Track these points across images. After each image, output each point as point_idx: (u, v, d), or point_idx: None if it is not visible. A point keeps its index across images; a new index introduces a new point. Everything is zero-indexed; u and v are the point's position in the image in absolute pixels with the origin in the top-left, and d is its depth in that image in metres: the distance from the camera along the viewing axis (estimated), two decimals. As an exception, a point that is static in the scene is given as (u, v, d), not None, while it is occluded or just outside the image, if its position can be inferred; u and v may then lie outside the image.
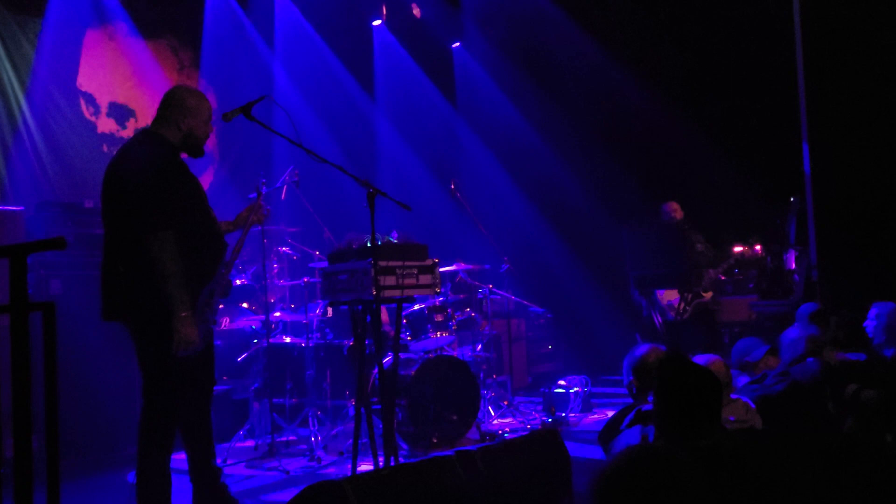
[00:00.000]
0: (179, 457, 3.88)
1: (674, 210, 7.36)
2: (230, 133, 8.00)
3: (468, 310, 6.87)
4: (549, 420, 6.44)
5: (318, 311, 6.20)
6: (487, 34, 9.93)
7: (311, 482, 2.61)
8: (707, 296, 7.11)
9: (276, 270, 6.30)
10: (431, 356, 5.86)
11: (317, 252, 6.38)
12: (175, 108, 3.78)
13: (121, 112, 7.27)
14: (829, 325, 4.68)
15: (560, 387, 6.83)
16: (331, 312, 6.33)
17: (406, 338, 6.07)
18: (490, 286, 6.96)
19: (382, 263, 4.15)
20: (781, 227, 7.76)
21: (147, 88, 7.36)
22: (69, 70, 6.93)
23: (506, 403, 6.76)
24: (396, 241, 4.55)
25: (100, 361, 5.50)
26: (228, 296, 4.09)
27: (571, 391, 6.76)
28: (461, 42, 10.13)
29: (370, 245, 4.20)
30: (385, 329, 5.94)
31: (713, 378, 2.70)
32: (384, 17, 9.20)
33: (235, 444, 5.65)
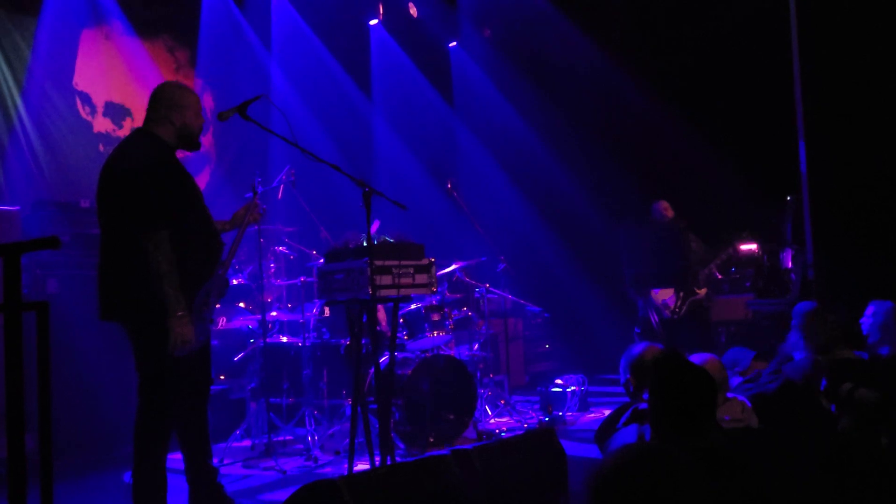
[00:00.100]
0: (176, 456, 3.87)
1: (665, 209, 7.37)
2: (227, 132, 8.00)
3: (465, 309, 6.87)
4: (546, 419, 6.44)
5: (315, 311, 6.20)
6: (484, 33, 9.94)
7: (308, 482, 2.61)
8: (701, 293, 7.12)
9: (273, 270, 6.29)
10: (428, 355, 5.86)
11: (314, 251, 6.38)
12: (166, 105, 3.78)
13: (117, 111, 7.27)
14: (826, 324, 4.66)
15: (557, 386, 6.83)
16: (328, 312, 6.33)
17: (403, 337, 6.07)
18: (487, 285, 6.96)
19: (378, 263, 4.15)
20: (778, 226, 7.77)
21: (143, 88, 7.34)
22: (65, 69, 6.92)
23: (503, 402, 6.76)
24: (388, 239, 4.54)
25: (96, 361, 5.50)
26: (225, 295, 4.09)
27: (568, 390, 6.76)
28: (458, 41, 10.13)
29: (366, 244, 4.19)
30: (382, 328, 5.94)
31: (708, 377, 2.71)
32: (381, 17, 9.20)
33: (232, 444, 5.64)
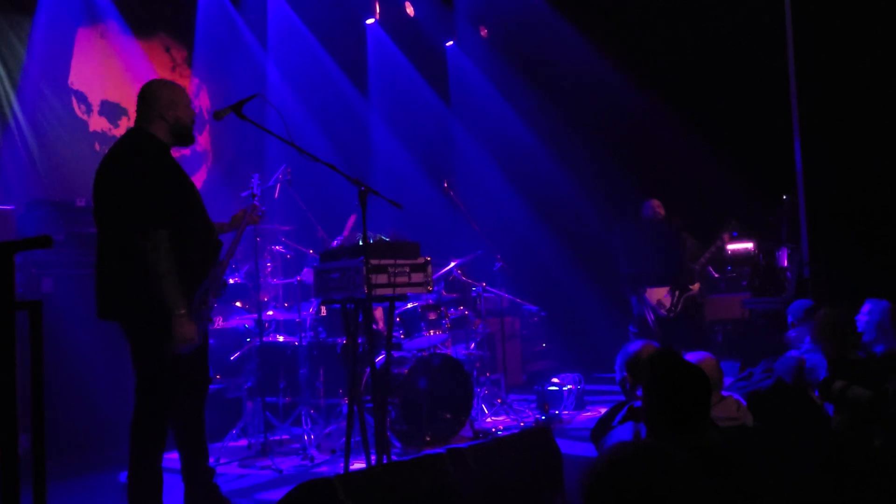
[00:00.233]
0: (171, 456, 3.87)
1: (657, 207, 7.39)
2: (223, 131, 7.99)
3: (462, 308, 6.87)
4: (543, 418, 6.45)
5: (312, 310, 6.19)
6: (480, 33, 9.94)
7: (304, 481, 2.61)
8: (694, 288, 7.14)
9: (270, 269, 6.29)
10: (425, 354, 5.86)
11: (310, 251, 6.37)
12: (156, 103, 3.78)
13: (113, 110, 7.25)
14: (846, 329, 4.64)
15: (553, 384, 6.83)
16: (324, 311, 6.33)
17: (399, 336, 6.07)
18: (483, 284, 6.96)
19: (374, 262, 4.14)
20: (776, 225, 7.78)
21: (139, 87, 7.31)
22: (61, 68, 6.90)
23: (499, 401, 6.77)
24: (384, 238, 4.54)
25: (92, 360, 5.48)
26: (223, 296, 4.09)
27: (565, 389, 6.76)
28: (454, 41, 10.12)
29: (362, 243, 4.19)
30: (378, 327, 5.94)
31: (702, 375, 2.71)
32: (377, 16, 9.19)
33: (228, 444, 5.64)
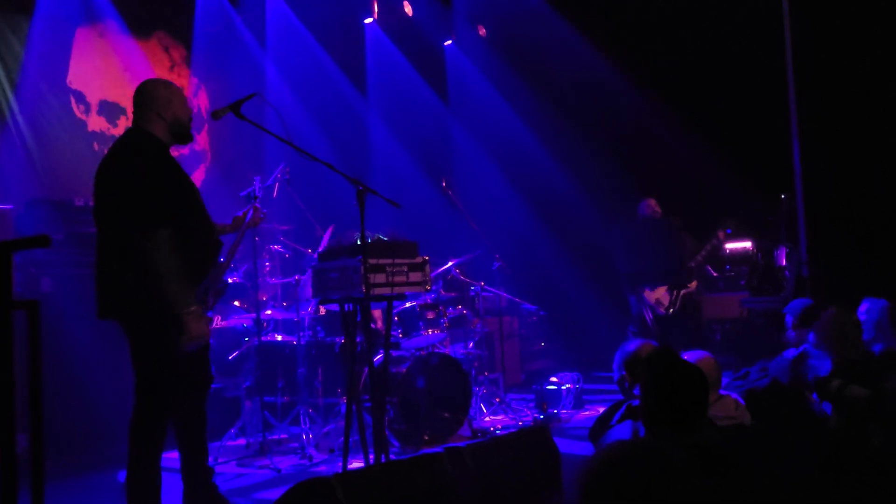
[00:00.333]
0: (170, 455, 3.87)
1: (654, 205, 7.40)
2: (222, 131, 7.99)
3: (460, 307, 6.87)
4: (541, 417, 6.45)
5: (310, 309, 6.20)
6: (479, 32, 9.93)
7: (302, 480, 2.61)
8: (692, 286, 7.15)
9: (268, 269, 6.29)
10: (423, 354, 5.87)
11: (309, 250, 6.37)
12: (152, 102, 3.78)
13: (112, 110, 7.25)
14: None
15: (552, 384, 6.84)
16: (323, 310, 6.33)
17: (398, 335, 6.07)
18: (482, 283, 6.96)
19: (372, 261, 4.15)
20: (773, 224, 7.79)
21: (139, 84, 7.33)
22: (59, 68, 6.89)
23: (498, 400, 6.77)
24: (381, 237, 4.54)
25: (90, 360, 5.48)
26: (223, 296, 4.10)
27: (563, 388, 6.77)
28: (453, 40, 10.12)
29: (360, 242, 4.19)
30: (377, 326, 5.94)
31: (700, 374, 2.72)
32: (376, 15, 9.18)
33: (227, 443, 5.64)
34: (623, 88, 9.12)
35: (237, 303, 6.37)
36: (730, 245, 8.64)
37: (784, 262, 7.54)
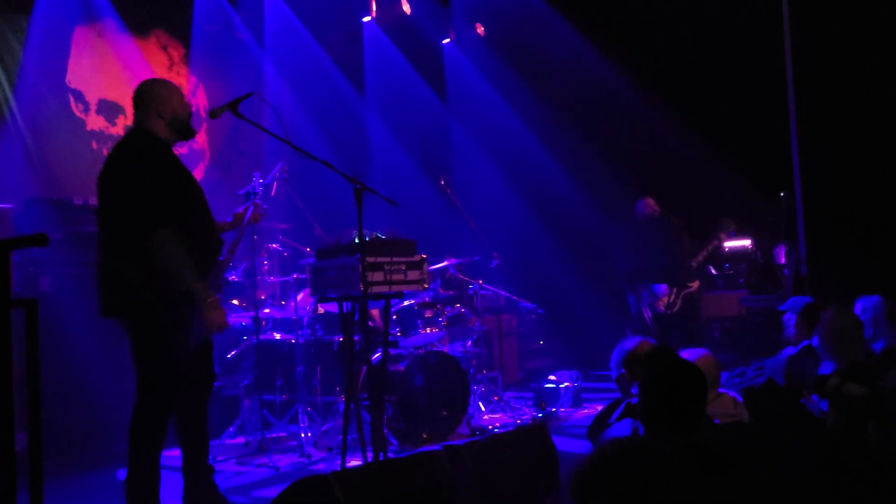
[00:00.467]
0: (169, 454, 3.88)
1: (651, 204, 7.40)
2: (220, 129, 7.99)
3: (458, 306, 6.87)
4: (540, 415, 6.46)
5: (309, 308, 6.20)
6: (477, 30, 9.93)
7: (300, 478, 2.62)
8: (694, 285, 7.16)
9: (267, 267, 6.29)
10: (421, 352, 5.87)
11: (307, 249, 6.38)
12: (150, 102, 3.81)
13: (110, 109, 7.24)
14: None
15: (550, 382, 6.84)
16: (321, 309, 6.32)
17: (396, 334, 6.07)
18: (480, 282, 6.96)
19: (370, 259, 4.15)
20: (771, 223, 7.80)
21: (136, 85, 7.32)
22: (58, 67, 6.89)
23: (496, 399, 6.77)
24: (380, 235, 4.55)
25: (89, 359, 5.48)
26: (224, 294, 4.11)
27: (562, 386, 6.77)
28: (451, 38, 10.12)
29: (358, 241, 4.20)
30: (375, 325, 5.95)
31: (699, 373, 2.72)
32: (374, 14, 9.17)
33: (225, 441, 5.64)
34: (622, 87, 9.11)
35: (236, 301, 6.37)
36: (729, 243, 8.64)
37: (783, 261, 7.55)
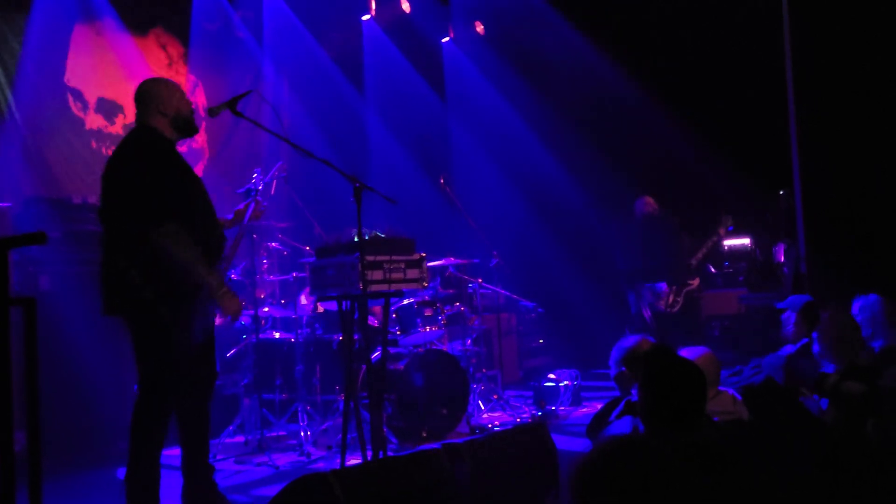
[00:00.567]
0: (169, 453, 3.88)
1: (650, 202, 7.41)
2: (219, 128, 7.98)
3: (458, 304, 6.87)
4: (539, 413, 6.46)
5: (311, 307, 6.19)
6: (476, 29, 9.93)
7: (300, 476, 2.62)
8: (694, 283, 7.16)
9: (266, 266, 6.29)
10: (421, 351, 5.87)
11: (307, 247, 6.37)
12: (152, 101, 3.83)
13: (109, 108, 7.24)
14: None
15: (550, 380, 6.84)
16: (321, 307, 6.32)
17: (395, 332, 6.07)
18: (480, 280, 6.96)
19: (370, 258, 4.15)
20: (771, 221, 7.80)
21: (136, 84, 7.24)
22: (57, 66, 6.88)
23: (496, 397, 6.77)
24: (379, 234, 4.54)
25: (89, 358, 5.48)
26: None
27: (561, 385, 6.77)
28: (451, 37, 10.11)
29: (357, 239, 4.20)
30: (374, 323, 5.94)
31: (698, 372, 2.71)
32: (373, 12, 9.17)
33: (225, 440, 5.64)
34: (622, 86, 9.10)
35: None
36: (728, 242, 8.66)
37: (782, 259, 7.55)
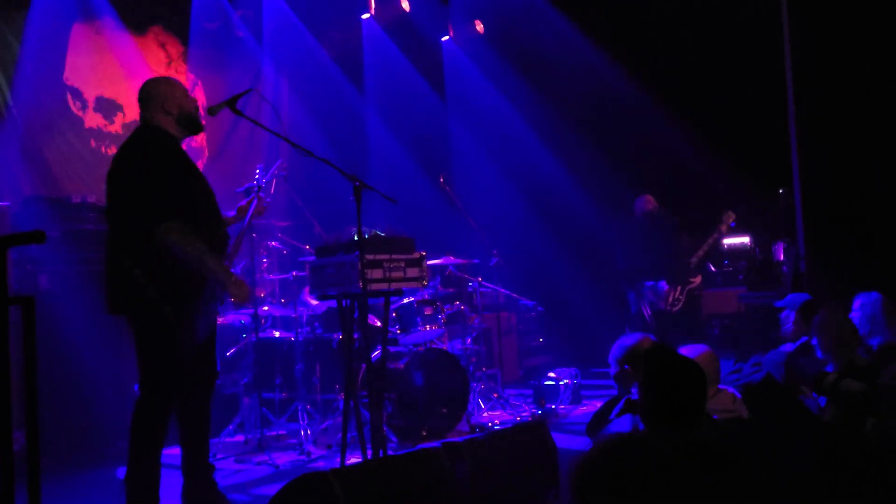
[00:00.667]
0: (169, 452, 3.88)
1: (650, 201, 7.41)
2: (219, 127, 7.97)
3: (458, 303, 6.87)
4: (539, 412, 6.46)
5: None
6: (476, 28, 9.92)
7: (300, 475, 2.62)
8: (696, 281, 7.16)
9: (266, 265, 6.28)
10: (421, 349, 5.87)
11: (307, 247, 6.37)
12: (157, 99, 3.83)
13: (108, 107, 7.23)
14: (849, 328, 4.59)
15: (550, 379, 6.84)
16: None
17: (395, 331, 6.07)
18: (479, 279, 6.96)
19: (369, 257, 4.15)
20: (771, 220, 7.79)
21: (135, 83, 7.21)
22: (56, 64, 6.88)
23: (496, 396, 6.77)
24: (379, 233, 4.54)
25: (88, 357, 5.48)
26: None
27: (561, 383, 6.77)
28: (450, 36, 10.11)
29: (357, 238, 4.19)
30: (374, 322, 5.94)
31: (698, 370, 2.71)
32: (373, 11, 9.16)
33: (225, 439, 5.64)
34: (622, 85, 9.10)
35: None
36: (728, 240, 8.65)
37: (782, 257, 7.54)
